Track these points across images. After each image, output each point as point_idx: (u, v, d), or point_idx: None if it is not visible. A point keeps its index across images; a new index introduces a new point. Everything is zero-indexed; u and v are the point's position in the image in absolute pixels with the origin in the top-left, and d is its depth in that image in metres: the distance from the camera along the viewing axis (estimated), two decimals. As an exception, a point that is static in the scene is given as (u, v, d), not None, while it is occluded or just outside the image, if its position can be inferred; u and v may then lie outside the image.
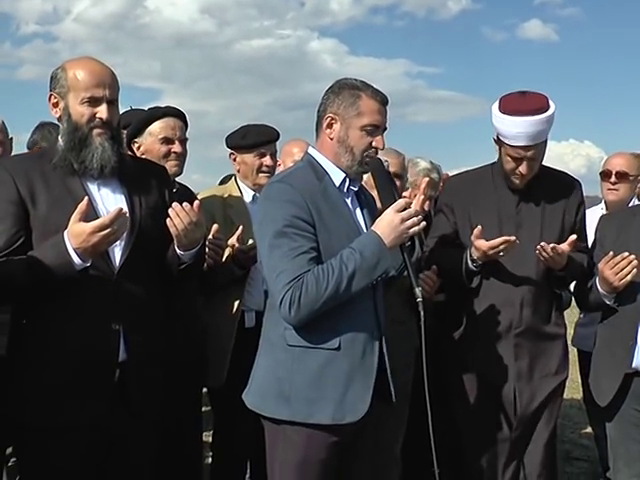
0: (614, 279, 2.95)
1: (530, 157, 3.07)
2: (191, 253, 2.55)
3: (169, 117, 3.18)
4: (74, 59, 2.50)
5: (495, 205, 3.22)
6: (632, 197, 4.02)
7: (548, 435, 3.26)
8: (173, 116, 3.19)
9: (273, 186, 2.46)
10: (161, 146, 3.14)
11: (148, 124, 3.15)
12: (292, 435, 2.41)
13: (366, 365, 2.45)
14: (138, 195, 2.53)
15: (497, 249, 2.99)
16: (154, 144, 3.14)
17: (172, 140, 3.15)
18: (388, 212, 2.39)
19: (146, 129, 3.15)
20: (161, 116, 3.17)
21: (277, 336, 2.43)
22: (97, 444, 2.42)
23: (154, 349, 2.53)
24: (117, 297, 2.42)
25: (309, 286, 2.29)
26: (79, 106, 2.42)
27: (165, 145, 3.14)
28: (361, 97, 2.46)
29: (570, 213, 3.24)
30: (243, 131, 3.45)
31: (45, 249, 2.31)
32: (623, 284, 2.96)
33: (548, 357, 3.24)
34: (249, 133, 3.42)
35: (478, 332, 3.21)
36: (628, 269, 2.93)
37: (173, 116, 3.19)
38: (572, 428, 5.67)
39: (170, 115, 3.19)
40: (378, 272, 2.36)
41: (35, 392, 2.36)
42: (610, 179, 4.05)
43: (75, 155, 2.43)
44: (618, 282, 2.95)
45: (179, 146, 3.16)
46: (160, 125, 3.15)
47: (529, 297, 3.17)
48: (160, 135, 3.14)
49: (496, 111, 3.11)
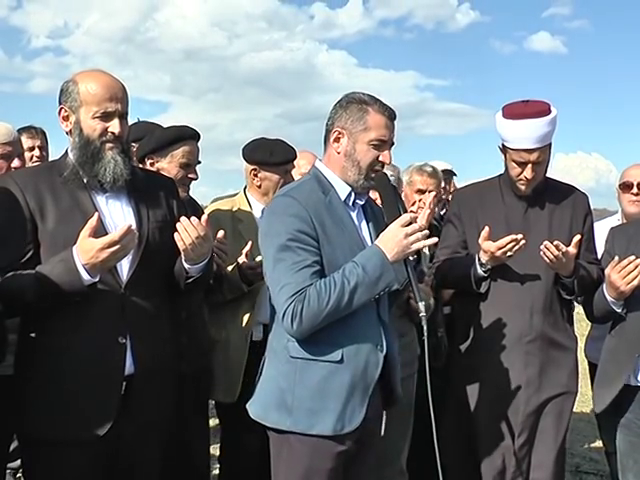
0: (621, 283, 2.95)
1: (534, 161, 3.11)
2: (199, 267, 2.55)
3: (192, 141, 3.18)
4: (85, 72, 2.50)
5: (503, 212, 3.26)
6: None
7: (557, 449, 3.26)
8: (194, 140, 3.19)
9: (278, 200, 2.48)
10: (179, 170, 3.13)
11: (172, 145, 3.14)
12: (296, 445, 2.43)
13: (368, 377, 2.46)
14: (146, 208, 2.54)
15: (505, 249, 3.02)
16: (172, 167, 3.13)
17: (191, 166, 3.16)
18: (392, 226, 2.40)
19: (169, 149, 3.14)
20: (187, 139, 3.16)
21: (280, 347, 2.46)
22: (104, 457, 2.42)
23: (161, 362, 2.53)
24: (124, 311, 2.43)
25: (311, 299, 2.30)
26: (91, 120, 2.42)
27: (183, 170, 3.14)
28: (369, 112, 2.47)
29: (577, 222, 3.27)
30: (269, 147, 3.44)
31: (54, 264, 2.31)
32: (630, 289, 2.96)
33: (558, 368, 3.24)
34: (276, 150, 3.42)
35: (488, 339, 3.23)
36: (635, 273, 2.93)
37: (194, 140, 3.19)
38: (582, 442, 5.64)
39: (193, 139, 3.19)
40: (380, 286, 2.37)
41: (42, 406, 2.37)
42: (632, 190, 4.03)
43: (88, 169, 2.44)
44: (625, 286, 2.95)
45: (195, 173, 3.19)
46: (184, 149, 3.14)
47: (539, 304, 3.19)
48: (182, 160, 3.14)
49: (499, 118, 3.18)
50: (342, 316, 2.36)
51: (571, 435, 5.46)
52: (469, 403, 3.26)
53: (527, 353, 3.18)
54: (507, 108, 3.16)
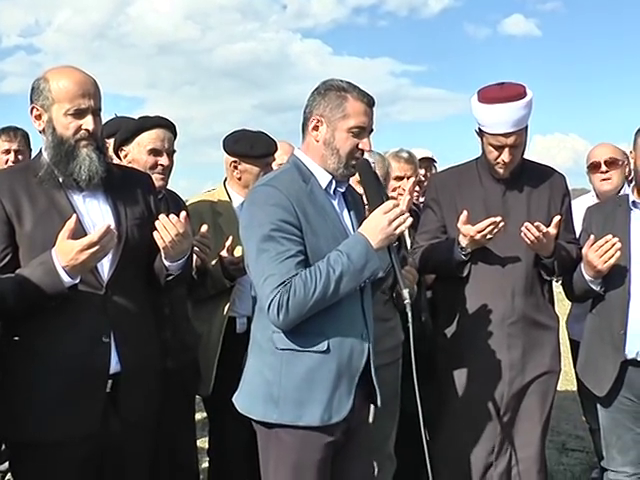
0: (598, 262, 2.99)
1: (511, 144, 3.12)
2: (179, 264, 2.54)
3: (159, 128, 3.13)
4: (56, 68, 2.45)
5: (481, 196, 3.27)
6: (624, 184, 4.03)
7: (542, 427, 3.30)
8: (163, 127, 3.15)
9: (259, 189, 2.44)
10: (148, 157, 3.09)
11: (137, 134, 3.11)
12: (284, 437, 2.41)
13: (353, 366, 2.46)
14: (124, 206, 2.51)
15: (484, 232, 3.03)
16: (141, 155, 3.09)
17: (160, 152, 3.11)
18: (375, 214, 2.38)
19: (135, 138, 3.11)
20: (151, 127, 3.12)
21: (265, 339, 2.44)
22: (92, 456, 2.42)
23: (145, 359, 2.52)
24: (106, 310, 2.41)
25: (297, 290, 2.28)
26: (64, 118, 2.39)
27: (152, 157, 3.10)
28: (347, 99, 2.44)
29: (555, 202, 3.28)
30: (250, 140, 3.42)
31: (33, 267, 2.29)
32: (607, 268, 3.00)
33: (541, 348, 3.27)
34: (257, 143, 3.40)
35: (471, 323, 3.25)
36: (611, 252, 2.97)
37: (163, 127, 3.15)
38: (567, 420, 5.70)
39: (160, 126, 3.14)
40: (366, 274, 2.36)
41: (27, 408, 2.35)
42: (600, 169, 4.06)
43: (63, 168, 2.40)
44: (602, 265, 2.99)
45: (166, 159, 3.12)
46: (149, 136, 3.10)
47: (520, 286, 3.21)
48: (148, 146, 3.10)
49: (475, 102, 3.17)
50: (327, 306, 2.35)
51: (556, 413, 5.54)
52: (454, 386, 3.28)
53: (509, 335, 3.21)
54: (483, 92, 3.15)
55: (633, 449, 3.14)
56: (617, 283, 3.07)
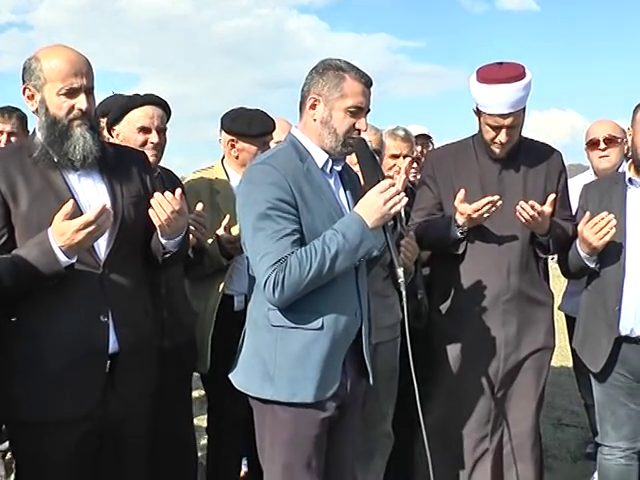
0: (593, 239, 3.01)
1: (509, 125, 3.12)
2: (175, 241, 2.54)
3: (149, 105, 3.11)
4: (47, 48, 2.43)
5: (477, 174, 3.28)
6: (622, 161, 4.04)
7: (537, 403, 3.34)
8: (153, 104, 3.13)
9: (255, 168, 2.46)
10: (138, 135, 3.08)
11: (127, 112, 3.10)
12: (280, 414, 2.45)
13: (347, 344, 2.50)
14: (120, 184, 2.51)
15: (481, 211, 3.05)
16: (131, 132, 3.08)
17: (150, 129, 3.09)
18: (371, 193, 2.40)
19: (125, 117, 3.10)
20: (140, 104, 3.11)
21: (261, 317, 2.47)
22: (91, 435, 2.43)
23: (143, 338, 2.53)
24: (104, 289, 2.41)
25: (292, 268, 2.31)
26: (57, 98, 2.37)
27: (142, 134, 3.08)
28: (345, 79, 2.46)
29: (551, 180, 3.29)
30: (247, 118, 3.40)
31: (29, 248, 2.29)
32: (602, 244, 3.02)
33: (535, 326, 3.30)
34: (254, 121, 3.38)
35: (466, 300, 3.28)
36: (607, 229, 2.99)
37: (153, 104, 3.13)
38: (562, 395, 5.75)
39: (150, 103, 3.13)
40: (361, 253, 2.39)
41: (27, 388, 2.36)
42: (599, 147, 4.07)
43: (57, 148, 2.40)
44: (597, 242, 3.01)
45: (156, 136, 3.10)
46: (139, 113, 3.09)
47: (515, 264, 3.23)
48: (138, 124, 3.08)
49: (473, 81, 3.17)
50: (322, 284, 2.38)
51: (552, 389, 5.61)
52: (448, 362, 3.31)
53: (505, 312, 3.24)
54: (481, 71, 3.15)
55: (627, 424, 3.18)
56: (612, 260, 3.09)
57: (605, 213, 3.01)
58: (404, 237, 3.11)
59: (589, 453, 4.45)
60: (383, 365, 3.18)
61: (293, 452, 2.47)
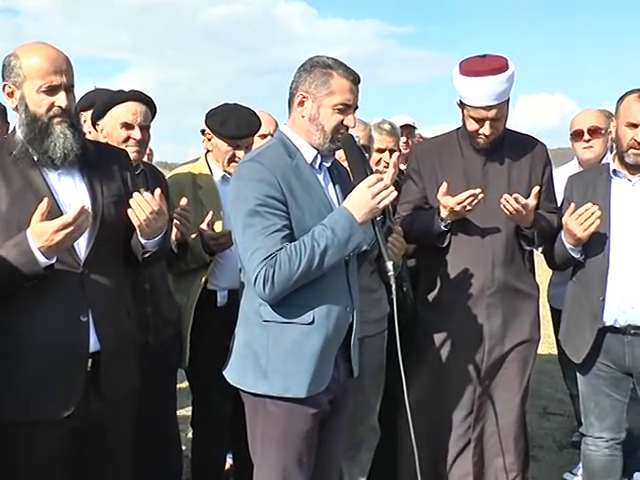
0: (578, 230, 3.03)
1: (492, 117, 3.13)
2: (155, 241, 2.53)
3: (132, 102, 3.09)
4: (27, 45, 2.42)
5: (461, 167, 3.29)
6: (606, 152, 4.04)
7: (521, 395, 3.36)
8: (137, 101, 3.11)
9: (245, 165, 2.49)
10: (121, 131, 3.06)
11: (110, 107, 3.08)
12: (272, 409, 2.47)
13: (338, 338, 2.51)
14: (100, 183, 2.49)
15: (463, 204, 3.06)
16: (114, 128, 3.07)
17: (132, 126, 3.07)
18: (359, 187, 2.42)
19: (108, 112, 3.09)
20: (124, 100, 3.09)
21: (252, 312, 2.49)
22: (73, 433, 2.42)
23: (124, 336, 2.52)
24: (84, 288, 2.40)
25: (282, 264, 2.33)
26: (36, 95, 2.36)
27: (125, 130, 3.07)
28: (333, 76, 2.48)
29: (536, 172, 3.30)
30: (223, 116, 3.37)
31: (8, 249, 2.28)
32: (587, 235, 3.04)
33: (520, 318, 3.31)
34: (228, 122, 3.35)
35: (451, 293, 3.29)
36: (591, 220, 3.01)
37: (137, 101, 3.11)
38: (549, 383, 5.79)
39: (134, 100, 3.10)
40: (350, 247, 2.40)
41: (8, 388, 2.35)
42: (583, 137, 4.08)
43: (37, 146, 2.38)
44: (582, 233, 3.03)
45: (139, 132, 3.08)
46: (121, 109, 3.07)
47: (500, 256, 3.24)
48: (120, 120, 3.06)
49: (456, 74, 3.17)
50: (313, 279, 2.39)
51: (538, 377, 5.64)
52: (432, 355, 3.32)
53: (489, 305, 3.25)
54: (464, 64, 3.15)
55: (611, 415, 3.20)
56: (597, 251, 3.11)
57: (589, 204, 3.03)
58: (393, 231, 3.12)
59: (575, 442, 4.47)
60: (370, 359, 3.18)
61: (285, 447, 2.48)
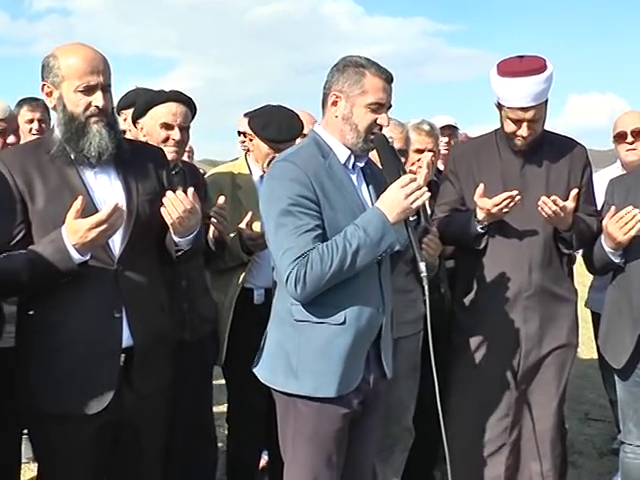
0: (618, 234, 2.99)
1: (530, 119, 3.10)
2: (188, 239, 2.55)
3: (173, 102, 3.13)
4: (65, 46, 2.46)
5: (499, 169, 3.26)
6: None
7: (558, 400, 3.31)
8: (177, 101, 3.14)
9: (278, 165, 2.51)
10: (160, 131, 3.10)
11: (151, 107, 3.13)
12: (302, 408, 2.48)
13: (370, 339, 2.52)
14: (135, 181, 2.53)
15: (500, 206, 3.03)
16: (154, 128, 3.11)
17: (172, 126, 3.11)
18: (392, 188, 2.42)
19: (148, 111, 3.13)
20: (164, 100, 3.13)
21: (284, 311, 2.51)
22: (106, 427, 2.47)
23: (158, 333, 2.55)
24: (118, 285, 2.44)
25: (314, 263, 2.34)
26: (74, 95, 2.40)
27: (165, 130, 3.10)
28: (365, 75, 2.48)
29: (575, 175, 3.26)
30: (266, 118, 3.39)
31: (44, 245, 2.33)
32: (627, 239, 2.99)
33: (558, 322, 3.27)
34: (270, 125, 3.36)
35: (487, 296, 3.27)
36: (632, 223, 2.96)
37: (177, 101, 3.14)
38: (591, 388, 5.68)
39: (174, 100, 3.14)
40: (382, 248, 2.40)
41: (43, 382, 2.40)
42: (626, 140, 4.01)
43: (73, 145, 2.42)
44: (622, 237, 2.99)
45: (178, 133, 3.11)
46: (162, 110, 3.11)
47: (538, 260, 3.21)
48: (160, 120, 3.10)
49: (494, 75, 3.15)
50: (345, 279, 2.40)
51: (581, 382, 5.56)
52: (468, 358, 3.30)
53: (526, 308, 3.21)
54: (502, 65, 3.13)
55: (650, 422, 3.14)
56: (637, 255, 3.06)
57: (630, 207, 2.98)
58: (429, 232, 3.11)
59: (615, 449, 4.37)
60: (405, 360, 3.18)
61: (315, 447, 2.49)
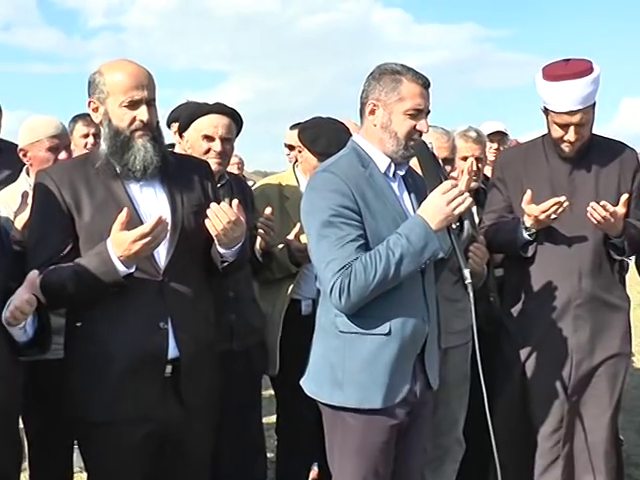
0: None
1: (577, 123, 3.05)
2: (233, 251, 2.56)
3: (215, 114, 3.16)
4: (110, 62, 2.51)
5: (547, 175, 3.21)
6: None
7: (611, 412, 3.23)
8: (220, 113, 3.17)
9: (318, 175, 2.50)
10: (202, 142, 3.13)
11: (194, 119, 3.17)
12: (349, 421, 2.46)
13: (414, 349, 2.49)
14: (180, 194, 2.55)
15: (548, 212, 2.99)
16: (197, 140, 3.15)
17: (213, 138, 3.13)
18: (433, 195, 2.39)
19: (192, 124, 3.17)
20: (206, 113, 3.16)
21: (329, 323, 2.49)
22: (152, 436, 2.49)
23: (204, 343, 2.57)
24: (164, 297, 2.47)
25: (358, 274, 2.32)
26: (119, 110, 2.45)
27: (206, 142, 3.13)
28: (402, 82, 2.47)
29: (625, 179, 3.19)
30: (315, 132, 3.40)
31: (90, 257, 2.37)
32: None
33: (610, 331, 3.19)
34: (320, 139, 3.37)
35: (536, 304, 3.22)
36: None
37: (220, 113, 3.17)
38: (648, 399, 5.55)
39: (217, 112, 3.17)
40: (426, 256, 2.38)
41: (91, 391, 2.44)
42: None
43: (118, 158, 2.46)
44: None
45: (219, 145, 3.13)
46: (204, 122, 3.14)
47: (587, 267, 3.15)
48: (202, 132, 3.13)
49: (539, 79, 3.12)
50: (389, 289, 2.38)
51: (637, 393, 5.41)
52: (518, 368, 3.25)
53: (576, 317, 3.15)
54: (547, 69, 3.10)
55: None
56: None
57: None
58: (476, 240, 3.07)
59: (673, 462, 4.28)
60: (454, 370, 3.15)
61: (362, 459, 2.47)
